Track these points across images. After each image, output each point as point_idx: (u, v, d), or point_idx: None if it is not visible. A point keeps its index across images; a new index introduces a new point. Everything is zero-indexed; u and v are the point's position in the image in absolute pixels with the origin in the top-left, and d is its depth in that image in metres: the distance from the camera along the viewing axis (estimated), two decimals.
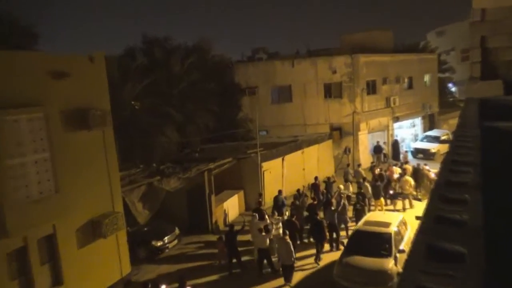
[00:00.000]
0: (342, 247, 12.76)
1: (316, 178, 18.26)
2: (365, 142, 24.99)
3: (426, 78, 30.45)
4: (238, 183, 17.81)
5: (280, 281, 11.84)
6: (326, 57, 24.59)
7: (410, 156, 25.45)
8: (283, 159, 19.35)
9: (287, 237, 11.70)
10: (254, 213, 13.94)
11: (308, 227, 14.15)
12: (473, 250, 2.03)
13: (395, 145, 25.69)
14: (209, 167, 16.05)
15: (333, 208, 13.94)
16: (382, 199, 16.77)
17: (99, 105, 11.01)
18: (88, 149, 10.78)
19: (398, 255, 11.08)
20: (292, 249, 11.53)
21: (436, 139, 26.44)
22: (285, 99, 25.11)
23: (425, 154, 24.90)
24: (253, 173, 17.80)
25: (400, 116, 26.98)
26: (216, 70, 23.48)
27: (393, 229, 11.86)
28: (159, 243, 14.17)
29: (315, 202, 14.95)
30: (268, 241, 12.26)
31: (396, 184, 17.93)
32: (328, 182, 17.83)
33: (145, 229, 14.44)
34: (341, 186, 16.85)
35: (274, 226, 13.21)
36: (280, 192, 16.31)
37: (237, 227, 13.14)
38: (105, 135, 11.29)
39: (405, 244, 11.44)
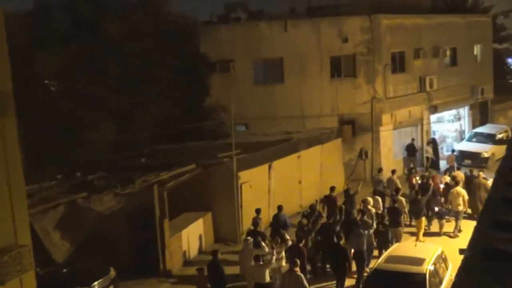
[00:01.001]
0: None
1: (332, 188, 18.74)
2: (389, 141, 25.19)
3: (477, 50, 31.11)
4: (204, 201, 17.82)
5: None
6: (334, 17, 24.90)
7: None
8: (270, 167, 19.38)
9: (297, 269, 12.21)
10: (248, 237, 14.64)
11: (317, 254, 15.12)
12: None
13: (433, 146, 26.06)
14: (161, 178, 15.93)
15: (361, 231, 14.48)
16: (424, 219, 17.48)
17: None
18: None
19: None
20: (306, 284, 12.11)
21: (490, 138, 27.17)
22: (274, 79, 25.14)
23: (474, 160, 25.48)
24: (226, 186, 17.82)
25: (439, 105, 27.18)
26: (173, 35, 23.34)
27: (428, 267, 12.05)
28: None
29: (331, 221, 15.74)
30: (267, 274, 12.97)
31: (442, 198, 18.88)
32: (349, 195, 18.47)
33: (65, 270, 14.37)
34: (370, 200, 17.33)
35: (275, 256, 13.77)
36: (280, 208, 16.96)
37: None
38: (5, 130, 10.94)
39: None
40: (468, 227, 16.37)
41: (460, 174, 20.58)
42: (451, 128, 30.31)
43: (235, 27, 25.96)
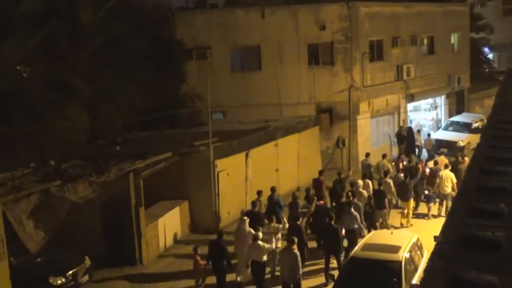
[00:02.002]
0: (331, 282, 13.10)
1: (320, 172, 19.91)
2: (367, 130, 25.40)
3: (454, 39, 31.55)
4: (180, 190, 17.91)
5: None
6: (312, 4, 24.88)
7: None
8: (247, 155, 19.49)
9: (295, 247, 12.91)
10: (245, 217, 14.97)
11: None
12: (508, 282, 2.15)
13: (409, 134, 26.31)
14: (136, 166, 15.90)
15: (352, 211, 15.25)
16: (412, 201, 18.29)
17: None
18: None
19: None
20: (299, 262, 12.77)
21: (465, 127, 27.58)
22: (251, 66, 25.17)
23: (450, 148, 25.73)
24: (202, 175, 17.94)
25: (416, 94, 27.49)
26: (148, 21, 23.20)
27: (403, 255, 12.19)
28: (60, 281, 14.06)
29: (321, 202, 16.67)
30: (265, 254, 13.58)
31: (427, 182, 19.68)
32: (339, 178, 19.30)
33: (39, 260, 14.33)
34: (360, 182, 18.24)
35: (273, 237, 14.61)
36: (274, 190, 17.50)
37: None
38: None
39: (420, 278, 11.69)
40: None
41: (444, 159, 21.06)
42: (427, 116, 30.69)
43: (212, 13, 25.75)
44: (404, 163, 21.44)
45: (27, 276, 13.59)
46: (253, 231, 14.00)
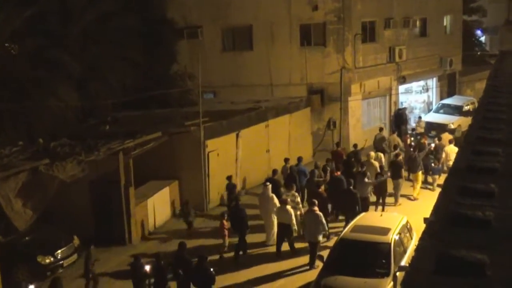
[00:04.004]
0: (320, 263, 13.09)
1: (337, 144, 21.44)
2: (358, 112, 25.45)
3: (446, 21, 31.42)
4: (170, 170, 17.87)
5: (300, 261, 14.46)
6: None
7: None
8: (237, 136, 19.54)
9: (316, 208, 14.19)
10: (267, 183, 16.11)
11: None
12: (498, 261, 2.15)
13: (399, 116, 26.48)
14: (126, 145, 15.88)
15: (366, 180, 16.84)
16: (420, 173, 19.23)
17: None
18: None
19: (398, 274, 11.47)
20: (324, 221, 14.15)
21: (457, 110, 27.62)
22: (243, 46, 25.04)
23: (441, 131, 25.63)
24: (193, 155, 17.96)
25: (408, 76, 27.53)
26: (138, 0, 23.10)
27: (393, 237, 12.25)
28: (49, 260, 14.12)
29: (338, 173, 17.46)
30: (293, 215, 14.77)
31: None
32: (355, 150, 20.68)
33: (27, 238, 14.37)
34: (372, 154, 19.57)
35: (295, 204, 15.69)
36: (300, 159, 18.76)
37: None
38: None
39: (408, 259, 11.72)
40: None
41: (448, 136, 22.23)
42: (419, 99, 30.69)
43: None
44: (412, 138, 22.98)
45: (15, 255, 13.66)
46: (275, 197, 15.47)
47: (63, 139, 16.01)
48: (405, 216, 13.95)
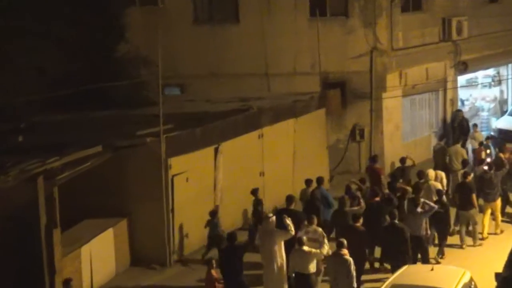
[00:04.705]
0: None
1: (374, 157, 19.26)
2: (397, 115, 22.42)
3: None
4: (116, 202, 15.79)
5: None
6: None
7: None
8: (216, 150, 17.09)
9: (345, 251, 12.48)
10: (270, 214, 14.03)
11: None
12: None
13: (461, 123, 23.16)
14: (48, 165, 13.78)
15: (419, 210, 14.68)
16: (498, 202, 17.19)
17: None
18: None
19: None
20: (353, 270, 12.33)
21: None
22: (224, 16, 21.86)
23: None
24: (149, 180, 15.69)
25: (471, 61, 24.14)
26: None
27: None
28: None
29: (377, 199, 15.66)
30: (314, 262, 12.96)
31: None
32: (402, 166, 18.54)
33: None
34: (432, 173, 17.19)
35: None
36: (320, 181, 16.51)
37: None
38: None
39: None
40: None
41: None
42: (487, 96, 26.74)
43: None
44: (488, 151, 19.90)
45: None
46: (283, 231, 13.43)
47: None
48: (468, 271, 12.25)
